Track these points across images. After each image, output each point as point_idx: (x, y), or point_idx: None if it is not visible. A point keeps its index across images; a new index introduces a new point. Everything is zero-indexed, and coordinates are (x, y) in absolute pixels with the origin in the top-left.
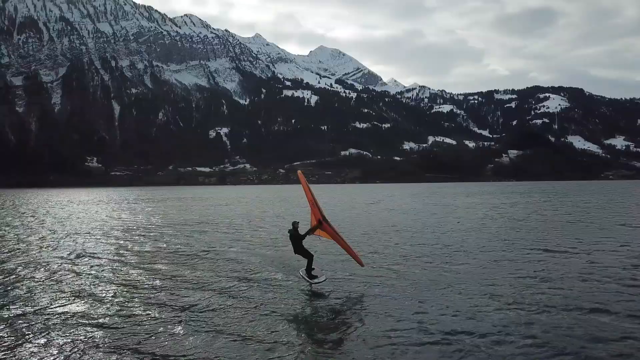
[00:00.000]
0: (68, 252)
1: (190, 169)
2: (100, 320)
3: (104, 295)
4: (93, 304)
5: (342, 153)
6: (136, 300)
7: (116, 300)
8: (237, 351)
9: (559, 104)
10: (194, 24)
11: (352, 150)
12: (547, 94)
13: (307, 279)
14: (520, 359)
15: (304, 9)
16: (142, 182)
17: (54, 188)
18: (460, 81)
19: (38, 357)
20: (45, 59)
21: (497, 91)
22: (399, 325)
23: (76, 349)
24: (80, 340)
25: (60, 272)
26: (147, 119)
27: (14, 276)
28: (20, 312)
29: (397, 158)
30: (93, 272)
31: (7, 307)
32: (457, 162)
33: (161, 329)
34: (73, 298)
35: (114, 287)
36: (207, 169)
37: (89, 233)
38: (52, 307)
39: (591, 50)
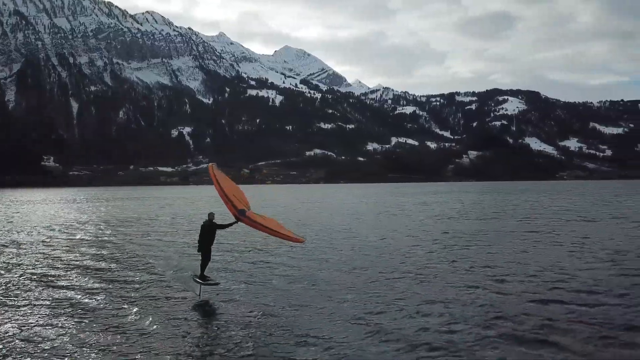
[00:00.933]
0: (4, 241)
1: (152, 168)
2: (12, 278)
3: (19, 264)
4: (11, 270)
5: (307, 153)
6: (41, 265)
7: (27, 265)
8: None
9: (517, 107)
10: (155, 21)
11: (317, 151)
12: (505, 97)
13: (198, 279)
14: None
15: (269, 9)
16: (101, 182)
17: (9, 188)
18: (423, 82)
19: None
20: None
21: (458, 93)
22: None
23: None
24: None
25: None
26: (107, 118)
27: None
28: None
29: (361, 159)
30: (20, 252)
31: None
32: (419, 163)
33: (52, 279)
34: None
35: (30, 261)
36: (169, 169)
37: (27, 227)
38: None
39: (548, 54)
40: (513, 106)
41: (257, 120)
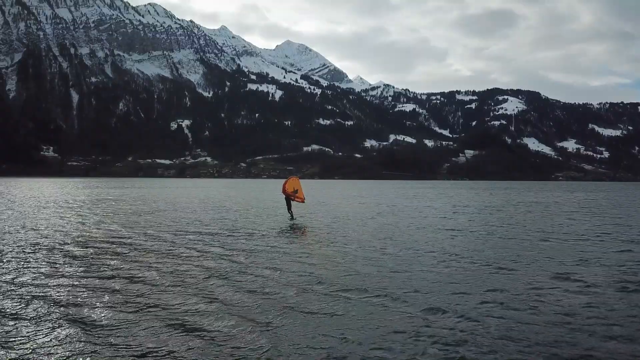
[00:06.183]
0: None
1: (150, 160)
2: None
3: None
4: None
5: (305, 149)
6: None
7: None
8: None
9: (517, 107)
10: (157, 13)
11: (315, 146)
12: (505, 97)
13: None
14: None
15: (269, 2)
16: (99, 172)
17: (6, 177)
18: (424, 80)
19: None
20: (0, 43)
21: (458, 92)
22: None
23: None
24: None
25: None
26: (107, 109)
27: None
28: None
29: (358, 155)
30: None
31: None
32: (415, 161)
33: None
34: None
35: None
36: (167, 161)
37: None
38: None
39: (549, 53)
40: (513, 106)
41: (256, 115)
